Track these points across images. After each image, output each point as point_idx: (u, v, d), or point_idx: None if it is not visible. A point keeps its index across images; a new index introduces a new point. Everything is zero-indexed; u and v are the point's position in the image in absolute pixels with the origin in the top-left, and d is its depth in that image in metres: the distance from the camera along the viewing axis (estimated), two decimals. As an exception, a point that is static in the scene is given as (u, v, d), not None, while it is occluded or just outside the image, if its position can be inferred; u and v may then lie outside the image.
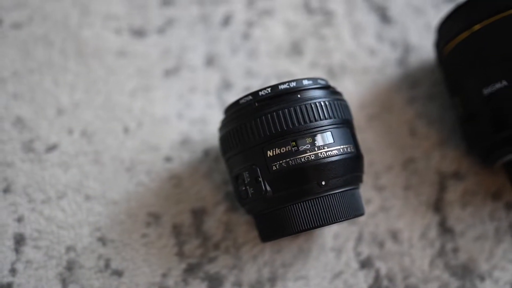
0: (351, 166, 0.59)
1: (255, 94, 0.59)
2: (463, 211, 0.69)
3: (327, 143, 0.57)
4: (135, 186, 0.67)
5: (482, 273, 0.67)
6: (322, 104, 0.58)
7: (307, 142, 0.57)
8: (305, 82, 0.60)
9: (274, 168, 0.57)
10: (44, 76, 0.71)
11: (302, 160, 0.56)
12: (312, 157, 0.57)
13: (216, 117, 0.70)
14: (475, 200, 0.69)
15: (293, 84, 0.59)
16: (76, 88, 0.70)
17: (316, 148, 0.57)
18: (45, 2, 0.74)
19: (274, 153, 0.57)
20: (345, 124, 0.60)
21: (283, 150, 0.57)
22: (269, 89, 0.59)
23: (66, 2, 0.74)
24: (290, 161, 0.56)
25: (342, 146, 0.58)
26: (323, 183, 0.57)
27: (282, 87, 0.59)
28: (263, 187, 0.57)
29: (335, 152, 0.57)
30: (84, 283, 0.63)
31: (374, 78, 0.74)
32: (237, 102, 0.60)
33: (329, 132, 0.58)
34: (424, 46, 0.75)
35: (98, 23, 0.74)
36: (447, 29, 0.67)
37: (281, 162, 0.57)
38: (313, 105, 0.58)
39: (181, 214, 0.66)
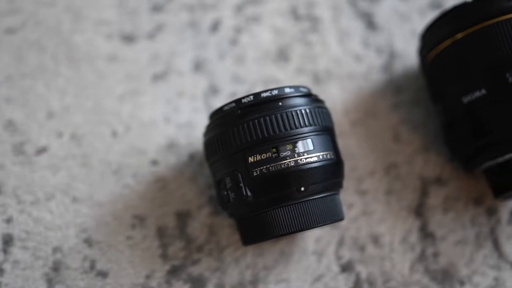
0: (331, 172, 0.59)
1: (238, 101, 0.59)
2: (444, 216, 0.68)
3: (307, 150, 0.57)
4: (121, 188, 0.67)
5: (461, 278, 0.66)
6: (303, 111, 0.58)
7: (288, 148, 0.57)
8: (287, 90, 0.59)
9: (255, 174, 0.57)
10: (36, 80, 0.71)
11: (282, 166, 0.56)
12: (292, 164, 0.56)
13: (202, 122, 0.69)
14: (457, 206, 0.69)
15: (275, 92, 0.59)
16: (67, 92, 0.70)
17: (296, 155, 0.56)
18: (39, 8, 0.74)
19: (255, 159, 0.57)
20: (325, 131, 0.59)
21: (263, 156, 0.57)
22: (251, 97, 0.59)
23: (59, 8, 0.74)
24: (270, 167, 0.56)
25: (322, 153, 0.58)
26: (302, 189, 0.57)
27: (264, 95, 0.59)
28: (244, 192, 0.57)
29: (314, 158, 0.57)
30: (69, 283, 0.63)
31: (359, 84, 0.73)
32: (220, 109, 0.60)
33: (310, 139, 0.57)
34: (409, 53, 0.74)
35: (89, 29, 0.73)
36: (430, 37, 0.66)
37: (261, 168, 0.56)
38: (293, 113, 0.58)
39: (165, 217, 0.66)
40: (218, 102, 0.70)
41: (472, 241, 0.67)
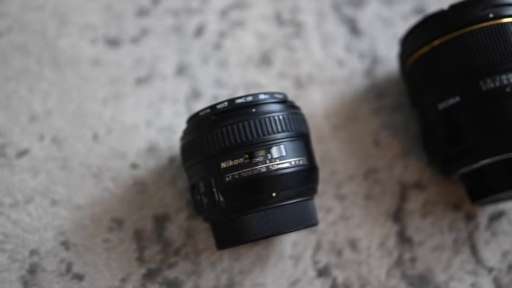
0: (304, 178, 0.56)
1: (212, 107, 0.57)
2: (422, 221, 0.65)
3: (279, 156, 0.55)
4: (100, 191, 0.65)
5: (438, 283, 0.64)
6: (276, 118, 0.56)
7: (260, 154, 0.55)
8: (261, 96, 0.57)
9: (227, 179, 0.55)
10: (20, 83, 0.69)
11: (254, 172, 0.54)
12: (264, 170, 0.54)
13: (183, 126, 0.67)
14: (436, 210, 0.66)
15: (249, 98, 0.57)
16: (50, 96, 0.68)
17: (268, 161, 0.54)
18: (25, 12, 0.72)
19: (228, 165, 0.55)
20: (300, 137, 0.57)
21: (236, 162, 0.55)
22: (226, 103, 0.57)
23: (45, 13, 0.72)
24: (242, 173, 0.54)
25: (294, 159, 0.55)
26: (274, 194, 0.55)
27: (238, 101, 0.57)
28: (217, 197, 0.55)
29: (286, 164, 0.55)
30: (45, 286, 0.61)
31: (341, 88, 0.70)
32: (196, 114, 0.58)
33: (282, 145, 0.55)
34: (392, 58, 0.72)
35: (75, 33, 0.71)
36: (409, 43, 0.64)
37: (234, 173, 0.54)
38: (267, 119, 0.56)
39: (143, 220, 0.64)
40: (200, 106, 0.68)
41: (450, 246, 0.65)
